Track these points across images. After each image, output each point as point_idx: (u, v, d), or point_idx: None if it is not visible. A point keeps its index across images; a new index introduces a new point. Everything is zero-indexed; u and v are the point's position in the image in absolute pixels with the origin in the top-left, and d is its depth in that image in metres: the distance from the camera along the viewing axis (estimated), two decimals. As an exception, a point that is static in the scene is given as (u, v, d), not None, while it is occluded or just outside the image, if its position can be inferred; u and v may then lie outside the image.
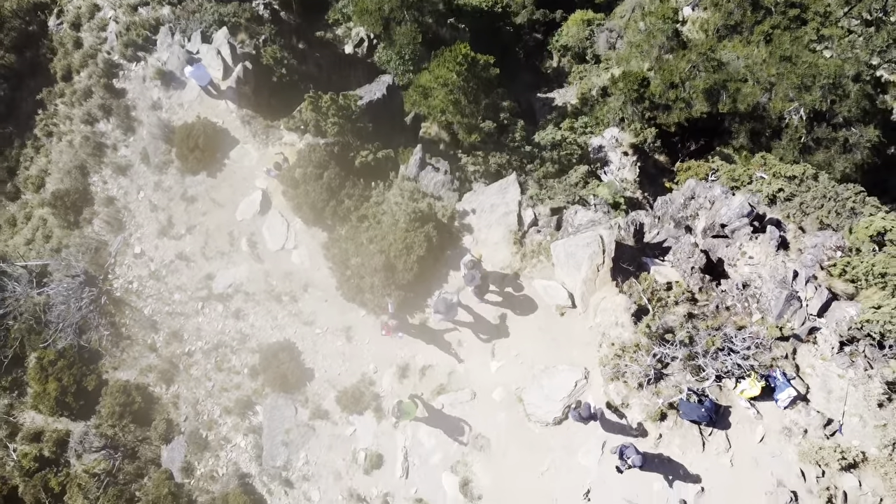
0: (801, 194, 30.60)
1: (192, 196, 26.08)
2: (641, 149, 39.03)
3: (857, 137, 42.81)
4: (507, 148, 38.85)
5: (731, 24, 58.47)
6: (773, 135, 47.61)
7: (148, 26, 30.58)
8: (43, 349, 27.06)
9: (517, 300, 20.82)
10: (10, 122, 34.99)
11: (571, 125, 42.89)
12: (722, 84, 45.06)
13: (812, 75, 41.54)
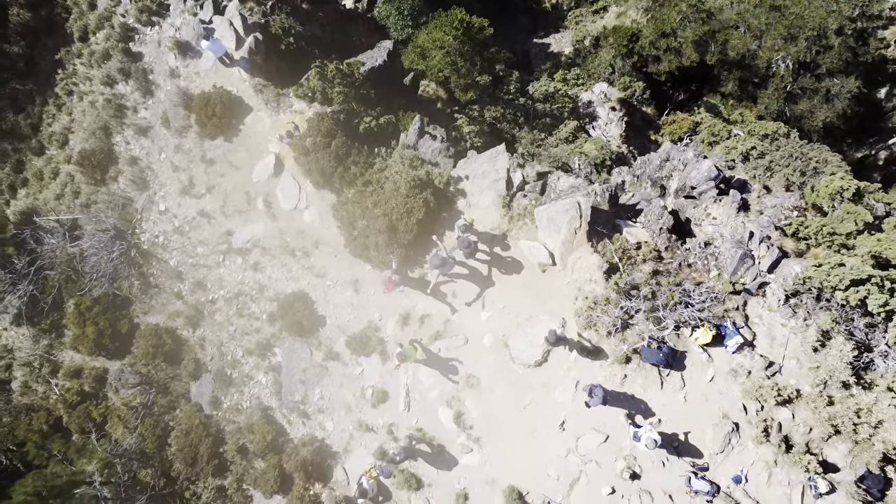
0: (771, 153, 32.98)
1: (211, 159, 28.57)
2: (629, 102, 41.00)
3: (839, 88, 44.71)
4: (501, 101, 40.84)
5: None
6: (760, 83, 49.41)
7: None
8: (80, 296, 30.06)
9: (504, 258, 23.62)
10: (30, 79, 37.02)
11: (564, 76, 44.57)
12: (711, 35, 46.59)
13: (798, 26, 43.11)
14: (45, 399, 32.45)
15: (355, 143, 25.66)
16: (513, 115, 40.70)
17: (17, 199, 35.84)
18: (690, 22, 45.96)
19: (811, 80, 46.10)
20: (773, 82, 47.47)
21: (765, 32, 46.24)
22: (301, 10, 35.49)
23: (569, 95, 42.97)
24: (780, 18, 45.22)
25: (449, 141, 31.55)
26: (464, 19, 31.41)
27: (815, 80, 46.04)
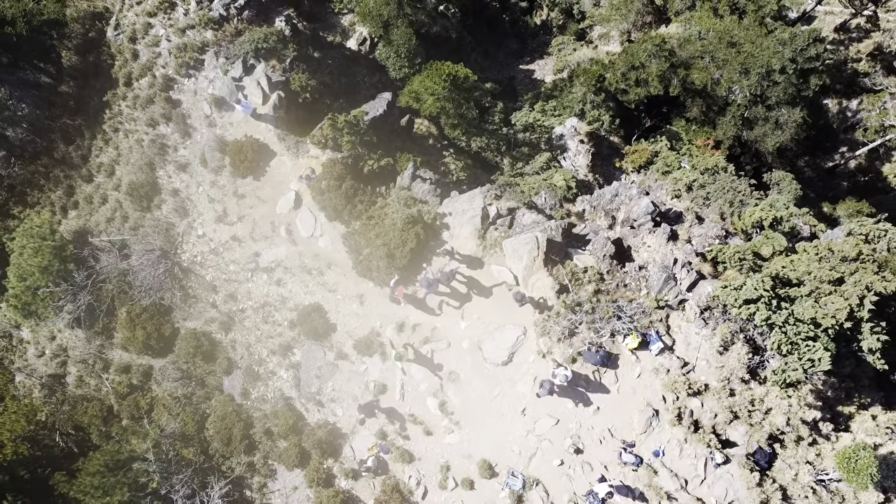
0: (709, 185, 39.18)
1: (242, 194, 34.72)
2: (597, 134, 47.06)
3: (786, 117, 50.68)
4: (486, 132, 46.89)
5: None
6: (720, 111, 55.45)
7: (195, 48, 38.35)
8: (131, 305, 36.18)
9: (479, 279, 29.78)
10: (80, 115, 43.10)
11: (543, 107, 50.62)
12: (672, 70, 52.55)
13: (750, 63, 49.18)
14: (97, 391, 38.60)
15: (361, 184, 31.80)
16: (496, 144, 46.78)
17: (68, 219, 41.86)
18: (655, 58, 51.86)
19: (763, 109, 51.97)
20: (731, 110, 53.44)
21: (724, 65, 52.12)
22: (313, 58, 41.52)
23: (545, 126, 49.00)
24: (735, 55, 51.23)
25: (438, 175, 37.75)
26: (450, 73, 37.39)
27: (767, 109, 51.92)
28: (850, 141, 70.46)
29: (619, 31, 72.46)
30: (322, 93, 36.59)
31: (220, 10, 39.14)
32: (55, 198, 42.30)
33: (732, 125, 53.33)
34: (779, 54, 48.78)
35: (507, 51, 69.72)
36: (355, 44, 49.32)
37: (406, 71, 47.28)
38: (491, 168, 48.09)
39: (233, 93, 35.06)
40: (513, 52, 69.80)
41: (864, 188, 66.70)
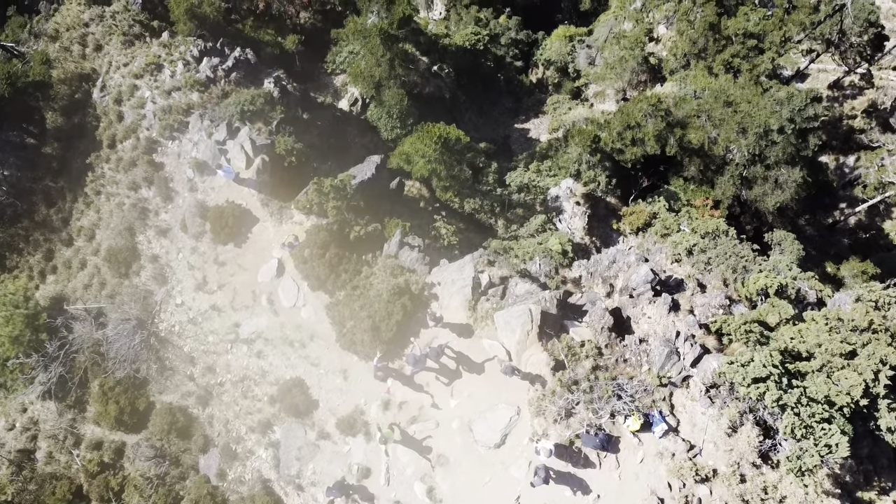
0: (710, 250, 37.76)
1: (223, 261, 33.23)
2: (594, 195, 45.92)
3: (786, 177, 49.73)
4: (479, 193, 45.78)
5: (696, 52, 65.42)
6: (718, 169, 54.62)
7: (180, 110, 37.44)
8: (104, 378, 34.28)
9: (470, 355, 27.99)
10: (63, 177, 41.99)
11: (538, 167, 49.65)
12: (669, 129, 51.89)
13: (747, 123, 48.48)
14: (67, 468, 36.32)
15: (346, 252, 30.32)
16: (490, 205, 45.61)
17: (46, 283, 40.31)
18: (651, 118, 51.17)
19: (762, 169, 51.06)
20: (729, 169, 52.55)
21: (721, 124, 51.45)
22: (301, 120, 40.66)
23: (540, 187, 47.92)
24: (732, 115, 50.63)
25: (429, 240, 36.36)
26: (441, 135, 36.39)
27: (765, 168, 51.01)
28: (849, 197, 69.66)
29: (615, 90, 72.42)
30: (309, 156, 35.48)
31: (208, 72, 38.40)
32: (34, 262, 40.86)
33: (731, 185, 52.40)
34: (776, 114, 48.13)
35: (502, 109, 69.37)
36: (347, 104, 48.63)
37: (398, 132, 46.51)
38: (484, 229, 46.82)
39: (216, 156, 33.93)
40: (508, 110, 69.45)
41: (865, 245, 65.57)
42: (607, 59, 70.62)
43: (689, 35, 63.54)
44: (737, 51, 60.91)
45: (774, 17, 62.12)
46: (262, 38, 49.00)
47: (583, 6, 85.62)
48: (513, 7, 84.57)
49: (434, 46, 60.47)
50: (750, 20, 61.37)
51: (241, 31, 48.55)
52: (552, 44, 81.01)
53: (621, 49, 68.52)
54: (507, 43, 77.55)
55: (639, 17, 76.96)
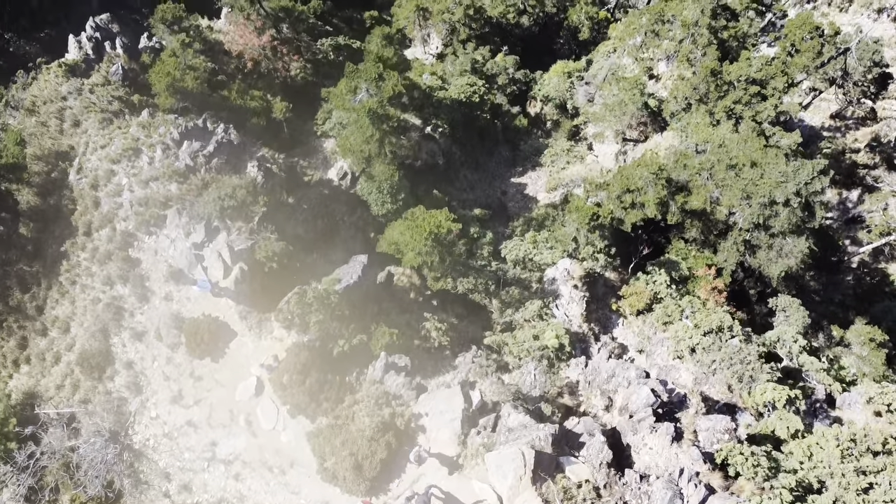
0: (714, 351, 36.02)
1: (199, 375, 31.49)
2: (591, 274, 44.20)
3: (791, 247, 48.12)
4: (473, 270, 44.00)
5: (697, 97, 63.84)
6: (720, 233, 53.05)
7: (158, 203, 35.72)
8: (75, 493, 32.47)
9: (459, 495, 26.24)
10: (37, 262, 40.14)
11: (535, 238, 47.92)
12: (671, 195, 50.31)
13: (751, 191, 46.89)
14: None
15: (328, 375, 28.62)
16: (484, 284, 43.81)
17: (19, 373, 38.48)
18: (652, 186, 49.47)
19: (766, 237, 49.41)
20: (732, 235, 50.92)
21: (724, 187, 49.83)
22: (287, 205, 38.97)
23: (537, 263, 46.18)
24: (735, 179, 49.01)
25: (419, 340, 34.65)
26: (432, 230, 34.62)
27: (770, 237, 49.33)
28: (852, 236, 68.15)
29: (615, 132, 70.74)
30: (292, 255, 33.74)
31: (187, 160, 36.68)
32: (7, 349, 39.00)
33: (734, 252, 50.78)
34: (782, 186, 46.52)
35: (499, 159, 67.68)
36: (336, 175, 46.89)
37: (389, 207, 44.78)
38: (478, 309, 44.98)
39: (192, 264, 32.18)
40: (504, 160, 67.76)
41: (870, 291, 64.02)
42: (606, 100, 69.03)
43: (690, 81, 62.00)
44: (739, 97, 59.35)
45: (777, 62, 60.60)
46: (248, 104, 47.20)
47: (581, 35, 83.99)
48: (511, 38, 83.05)
49: (428, 100, 58.85)
50: (752, 65, 59.80)
51: (226, 97, 46.75)
52: (550, 80, 79.34)
53: (621, 91, 66.88)
54: (505, 83, 76.15)
55: (638, 56, 75.47)
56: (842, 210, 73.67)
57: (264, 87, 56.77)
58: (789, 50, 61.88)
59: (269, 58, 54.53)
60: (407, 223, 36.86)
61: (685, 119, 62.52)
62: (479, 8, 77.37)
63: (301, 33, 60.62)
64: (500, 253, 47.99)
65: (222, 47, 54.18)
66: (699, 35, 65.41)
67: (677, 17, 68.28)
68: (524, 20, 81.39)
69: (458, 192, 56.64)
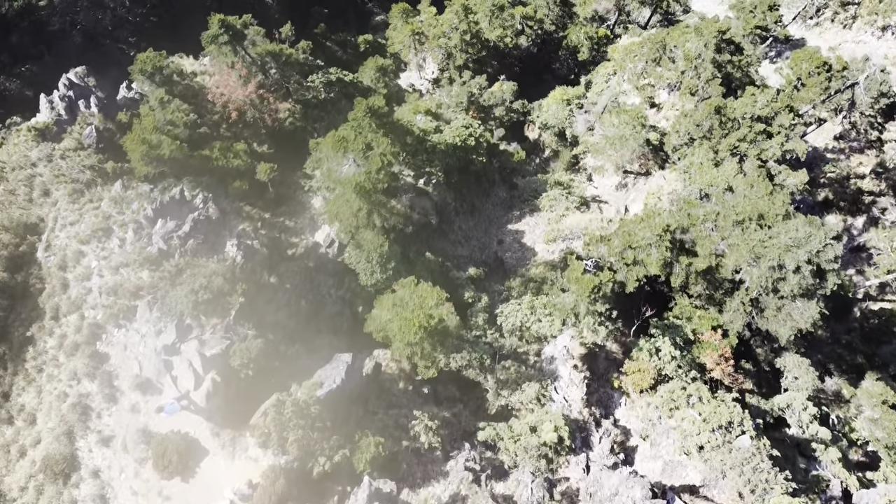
0: (723, 452, 33.68)
1: (168, 495, 29.07)
2: (592, 350, 41.81)
3: (800, 312, 45.81)
4: (468, 344, 41.56)
5: (701, 134, 61.59)
6: (727, 291, 50.73)
7: (128, 293, 33.31)
8: None
9: None
10: (4, 343, 37.67)
11: (532, 304, 45.45)
12: (675, 257, 48.01)
13: (760, 254, 44.66)
14: None
15: (306, 502, 26.18)
16: (479, 359, 41.41)
17: (-16, 462, 36.14)
18: (656, 247, 47.23)
19: (775, 299, 47.17)
20: (739, 295, 48.63)
21: (731, 246, 47.68)
22: (268, 287, 36.59)
23: (533, 332, 43.72)
24: (742, 237, 46.76)
25: (408, 441, 32.31)
26: (422, 324, 32.25)
27: (779, 299, 47.09)
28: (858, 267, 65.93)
29: (615, 166, 68.47)
30: (270, 354, 31.34)
31: (160, 243, 34.27)
32: (-27, 435, 36.70)
33: (741, 314, 48.49)
34: (792, 252, 44.25)
35: (496, 200, 65.21)
36: (323, 239, 44.44)
37: (378, 277, 42.29)
38: (472, 386, 42.46)
39: (160, 372, 29.81)
40: (501, 201, 65.27)
41: (877, 329, 61.97)
42: (606, 132, 66.76)
43: (693, 117, 59.72)
44: (743, 135, 57.10)
45: (783, 96, 58.29)
46: (231, 163, 44.57)
47: (581, 56, 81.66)
48: (509, 59, 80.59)
49: (422, 146, 56.48)
50: (758, 101, 57.57)
51: (208, 157, 44.10)
52: (549, 107, 76.83)
53: (621, 124, 64.65)
54: (502, 115, 73.82)
55: (638, 84, 73.20)
56: (847, 237, 71.42)
57: (250, 136, 54.30)
58: (795, 84, 59.68)
59: (256, 106, 51.97)
60: (396, 309, 34.45)
61: (688, 156, 60.25)
62: (477, 33, 74.99)
63: (290, 75, 58.06)
64: (496, 317, 45.56)
65: (207, 93, 51.60)
66: (702, 68, 63.21)
67: (679, 48, 66.05)
68: (522, 41, 79.09)
69: (452, 246, 54.16)
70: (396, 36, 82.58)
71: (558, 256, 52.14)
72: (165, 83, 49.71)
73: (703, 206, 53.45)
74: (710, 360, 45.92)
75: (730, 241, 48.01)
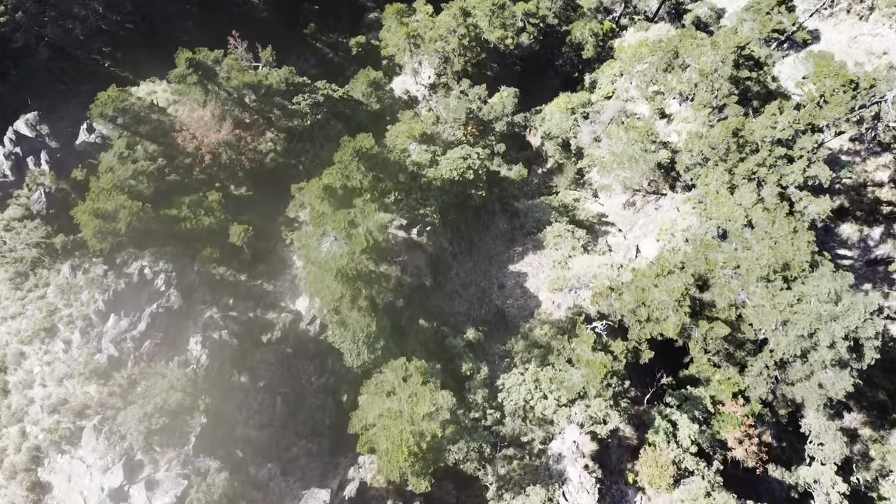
0: None
1: None
2: (603, 441, 37.52)
3: (832, 382, 41.85)
4: (466, 431, 37.23)
5: (717, 158, 57.13)
6: (749, 352, 46.61)
7: (73, 412, 28.89)
8: None
9: None
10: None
11: (536, 377, 41.02)
12: (695, 321, 43.86)
13: (789, 320, 40.70)
14: None
15: None
16: (478, 449, 37.18)
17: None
18: (674, 312, 43.07)
19: (804, 367, 43.29)
20: (763, 358, 44.80)
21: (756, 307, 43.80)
22: (238, 387, 32.20)
23: (537, 413, 39.34)
24: (769, 298, 42.77)
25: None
26: (412, 451, 27.91)
27: (808, 366, 43.23)
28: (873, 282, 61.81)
29: (623, 186, 63.89)
30: (236, 491, 26.94)
31: (111, 350, 29.79)
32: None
33: (764, 382, 44.59)
34: (827, 327, 39.97)
35: (496, 233, 60.40)
36: (304, 308, 39.81)
37: (365, 358, 37.78)
38: (470, 483, 38.08)
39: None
40: (501, 234, 60.46)
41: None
42: (614, 149, 62.05)
43: (707, 139, 54.94)
44: (762, 159, 52.49)
45: (805, 114, 53.43)
46: (201, 221, 39.58)
47: (585, 53, 76.62)
48: (510, 59, 75.39)
49: (415, 183, 51.72)
50: (778, 123, 52.78)
51: (175, 217, 39.09)
52: (552, 115, 71.84)
53: (630, 141, 59.98)
54: (502, 130, 68.88)
55: (647, 95, 68.13)
56: (862, 249, 67.40)
57: (226, 178, 49.36)
58: (818, 101, 54.72)
59: (232, 146, 46.88)
60: (383, 421, 30.04)
61: (701, 177, 55.67)
62: (476, 35, 69.80)
63: (271, 103, 52.88)
64: (497, 390, 41.12)
65: (177, 135, 46.33)
66: (719, 84, 58.24)
67: (693, 61, 60.96)
68: (524, 39, 74.01)
69: (448, 300, 49.37)
70: (391, 38, 77.43)
71: (565, 313, 47.50)
72: (131, 124, 44.86)
73: (722, 247, 49.20)
74: (732, 437, 42.06)
75: (754, 302, 43.86)
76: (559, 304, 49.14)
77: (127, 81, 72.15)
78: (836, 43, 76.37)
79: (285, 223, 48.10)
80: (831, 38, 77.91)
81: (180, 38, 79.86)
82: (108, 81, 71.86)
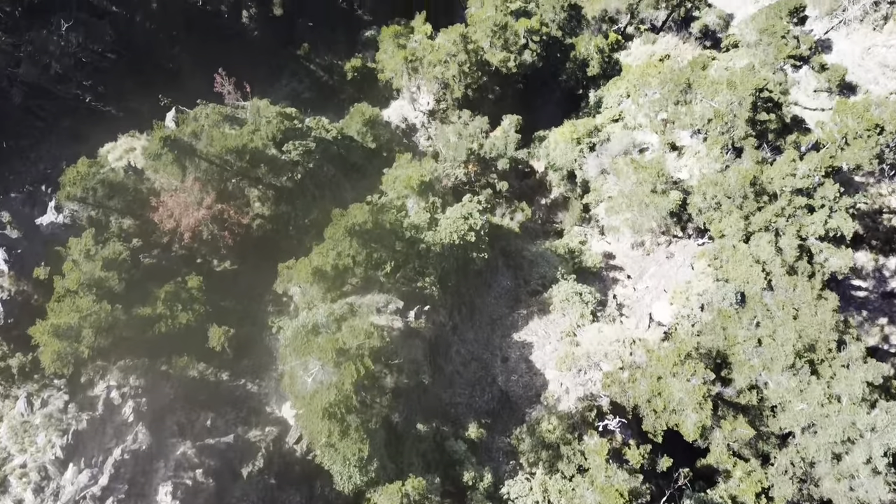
0: None
1: None
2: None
3: (866, 490, 39.59)
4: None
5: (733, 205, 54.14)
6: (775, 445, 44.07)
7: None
8: None
9: None
10: None
11: (545, 487, 37.71)
12: (717, 420, 41.16)
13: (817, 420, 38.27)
14: None
15: None
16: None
17: None
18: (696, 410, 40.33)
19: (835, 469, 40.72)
20: (789, 453, 42.91)
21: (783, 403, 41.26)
22: None
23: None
24: (798, 393, 40.28)
25: None
26: None
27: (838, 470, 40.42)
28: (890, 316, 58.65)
29: (632, 230, 60.32)
30: None
31: None
32: None
33: (790, 482, 41.93)
34: (864, 441, 37.09)
35: (499, 291, 57.13)
36: (292, 416, 36.29)
37: (357, 481, 34.43)
38: None
39: None
40: (505, 292, 57.23)
41: None
42: (623, 188, 58.63)
43: (722, 186, 51.35)
44: (781, 209, 49.11)
45: (825, 156, 49.96)
46: (178, 319, 35.92)
47: (590, 70, 73.03)
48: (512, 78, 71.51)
49: (413, 249, 48.18)
50: (798, 169, 49.39)
51: (150, 318, 35.46)
52: (556, 145, 68.46)
53: (639, 182, 56.48)
54: (505, 168, 65.06)
55: (657, 129, 64.38)
56: (878, 279, 64.31)
57: (209, 252, 45.66)
58: (840, 144, 51.12)
59: (216, 220, 43.08)
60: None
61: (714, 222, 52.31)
62: (478, 59, 66.15)
63: (258, 164, 48.99)
64: (503, 499, 37.84)
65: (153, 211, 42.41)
66: (735, 126, 54.64)
67: (707, 99, 57.14)
68: (526, 57, 70.36)
69: (447, 387, 45.90)
70: (388, 62, 73.99)
71: (574, 404, 43.95)
72: (102, 201, 41.21)
73: (741, 318, 46.30)
74: (758, 549, 38.98)
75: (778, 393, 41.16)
76: (568, 389, 45.64)
77: (108, 116, 68.47)
78: (848, 54, 72.76)
79: (273, 301, 44.54)
80: (843, 49, 74.22)
81: (166, 67, 75.93)
82: (90, 116, 68.09)
